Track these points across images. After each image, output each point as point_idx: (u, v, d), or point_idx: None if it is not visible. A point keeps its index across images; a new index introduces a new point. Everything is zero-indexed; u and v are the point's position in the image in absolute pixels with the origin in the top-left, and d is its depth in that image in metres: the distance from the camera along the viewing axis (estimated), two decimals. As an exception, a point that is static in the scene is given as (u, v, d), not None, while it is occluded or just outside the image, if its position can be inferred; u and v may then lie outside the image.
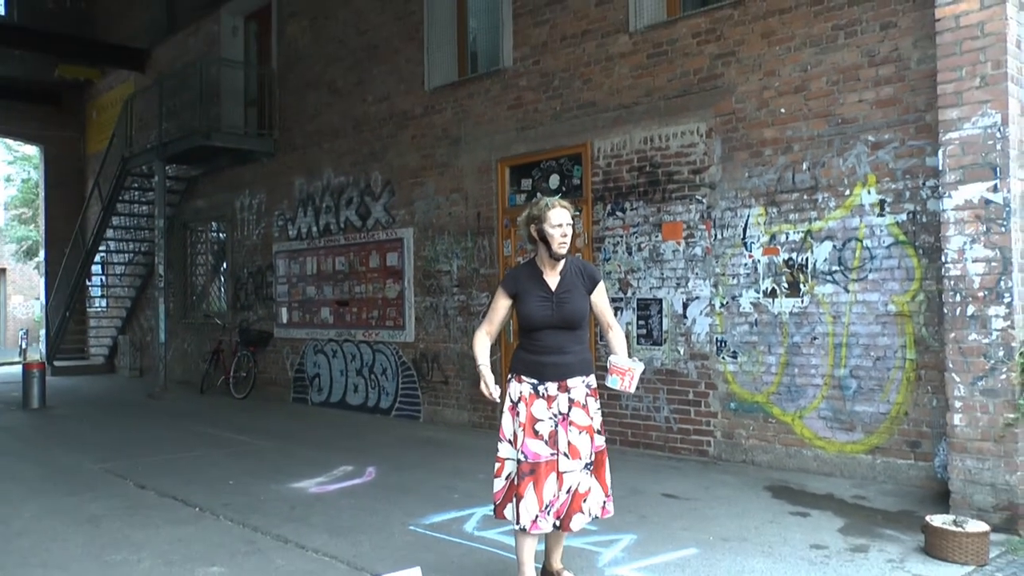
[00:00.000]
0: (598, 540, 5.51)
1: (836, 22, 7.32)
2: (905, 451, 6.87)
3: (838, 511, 6.22)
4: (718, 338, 8.10)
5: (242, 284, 15.00)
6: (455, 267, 10.76)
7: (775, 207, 7.70)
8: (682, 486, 7.10)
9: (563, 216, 4.41)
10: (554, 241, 4.40)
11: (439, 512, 6.36)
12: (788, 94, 7.62)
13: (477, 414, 10.42)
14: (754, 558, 5.20)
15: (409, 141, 11.46)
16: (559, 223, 4.39)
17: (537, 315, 4.40)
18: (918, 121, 6.79)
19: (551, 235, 4.40)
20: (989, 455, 5.57)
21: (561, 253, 4.42)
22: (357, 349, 12.29)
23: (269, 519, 6.26)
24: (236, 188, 15.08)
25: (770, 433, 7.70)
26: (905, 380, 6.86)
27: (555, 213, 4.41)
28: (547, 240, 4.42)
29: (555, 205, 4.45)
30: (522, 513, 4.27)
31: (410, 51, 11.50)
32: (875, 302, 7.05)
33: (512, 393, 4.47)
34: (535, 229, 4.47)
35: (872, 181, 7.07)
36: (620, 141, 8.95)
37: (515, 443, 4.39)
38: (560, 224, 4.39)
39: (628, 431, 8.75)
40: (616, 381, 4.39)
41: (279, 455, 8.95)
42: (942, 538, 5.09)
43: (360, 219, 12.34)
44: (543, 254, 4.49)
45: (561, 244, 4.40)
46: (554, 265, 4.49)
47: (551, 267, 4.50)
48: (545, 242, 4.44)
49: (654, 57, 8.70)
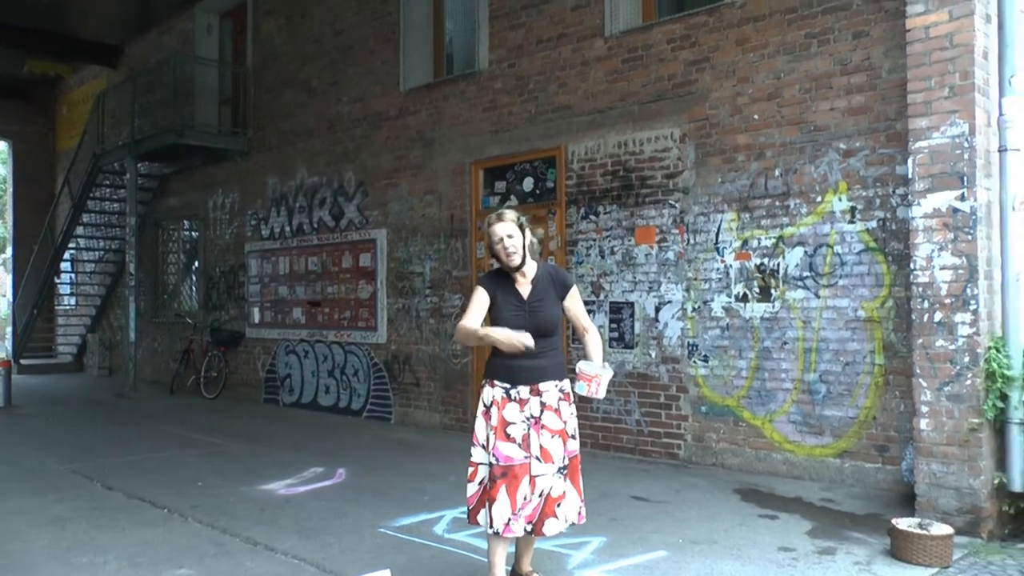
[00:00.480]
0: (568, 543, 5.51)
1: (809, 30, 7.39)
2: (873, 455, 6.95)
3: (806, 514, 6.27)
4: (690, 342, 8.15)
5: (214, 283, 14.90)
6: (428, 269, 10.76)
7: (747, 213, 7.77)
8: (652, 489, 7.13)
9: (502, 229, 4.40)
10: (501, 256, 4.42)
11: (409, 514, 6.35)
12: (761, 101, 7.69)
13: (448, 416, 10.42)
14: (723, 560, 5.24)
15: (383, 142, 11.45)
16: (499, 238, 4.40)
17: (511, 324, 4.39)
18: (888, 130, 6.88)
19: (496, 252, 4.43)
20: (954, 459, 5.65)
21: (512, 265, 4.42)
22: (329, 350, 12.24)
23: (238, 521, 6.22)
24: (209, 187, 14.98)
25: (740, 437, 7.76)
26: (873, 385, 6.94)
27: (493, 229, 4.43)
28: (497, 257, 4.45)
29: (493, 221, 4.47)
30: (495, 517, 4.28)
31: (386, 52, 11.49)
32: (845, 308, 7.13)
33: (485, 398, 4.48)
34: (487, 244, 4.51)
35: (843, 188, 7.15)
36: (594, 145, 8.99)
37: (488, 447, 4.40)
38: (500, 239, 4.39)
39: (599, 434, 8.77)
40: (583, 387, 4.39)
41: (249, 456, 8.90)
42: (907, 541, 5.16)
43: (333, 219, 12.30)
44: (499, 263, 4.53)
45: (508, 256, 4.40)
46: (522, 274, 4.49)
47: (520, 276, 4.50)
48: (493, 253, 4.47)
49: (629, 62, 8.74)
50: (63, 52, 18.74)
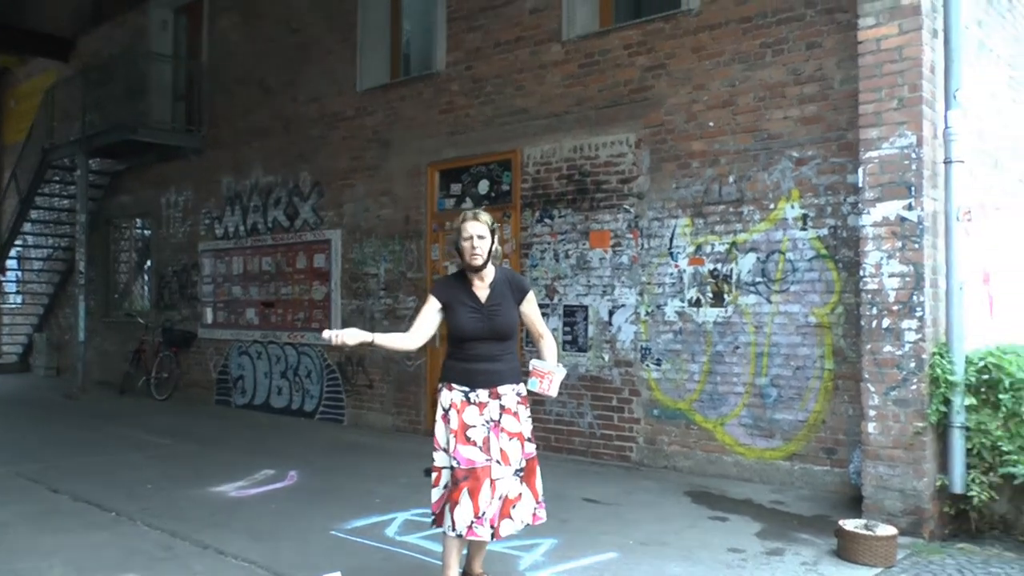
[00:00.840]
0: (519, 544, 5.51)
1: (764, 40, 7.50)
2: (822, 458, 7.06)
3: (756, 516, 6.36)
4: (643, 345, 8.22)
5: (166, 283, 14.69)
6: (383, 270, 10.72)
7: (701, 218, 7.85)
8: (604, 491, 7.17)
9: (473, 228, 4.44)
10: (465, 254, 4.45)
11: (361, 517, 6.33)
12: (716, 108, 7.78)
13: (401, 418, 10.39)
14: (673, 562, 5.29)
15: (339, 142, 11.38)
16: (469, 235, 4.43)
17: (468, 327, 4.42)
18: (840, 139, 7.00)
19: (463, 247, 4.45)
20: (899, 462, 5.77)
21: (473, 264, 4.45)
22: (282, 351, 12.14)
23: (188, 524, 6.14)
24: (162, 184, 14.76)
25: (692, 439, 7.84)
26: (823, 389, 7.06)
27: (466, 225, 4.47)
28: (461, 253, 4.47)
29: (469, 217, 4.50)
30: (457, 520, 4.27)
31: (342, 52, 11.42)
32: (796, 313, 7.24)
33: (443, 401, 4.48)
34: (454, 244, 4.55)
35: (796, 196, 7.27)
36: (550, 149, 9.03)
37: (448, 451, 4.40)
38: (470, 236, 4.43)
39: (552, 436, 8.81)
40: (535, 384, 4.41)
41: (200, 458, 8.79)
42: (853, 541, 5.27)
43: (288, 219, 12.20)
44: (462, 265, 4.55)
45: (472, 255, 4.43)
46: (481, 276, 4.52)
47: (479, 278, 4.52)
48: (461, 255, 4.49)
49: (586, 67, 8.80)
50: (11, 44, 18.36)
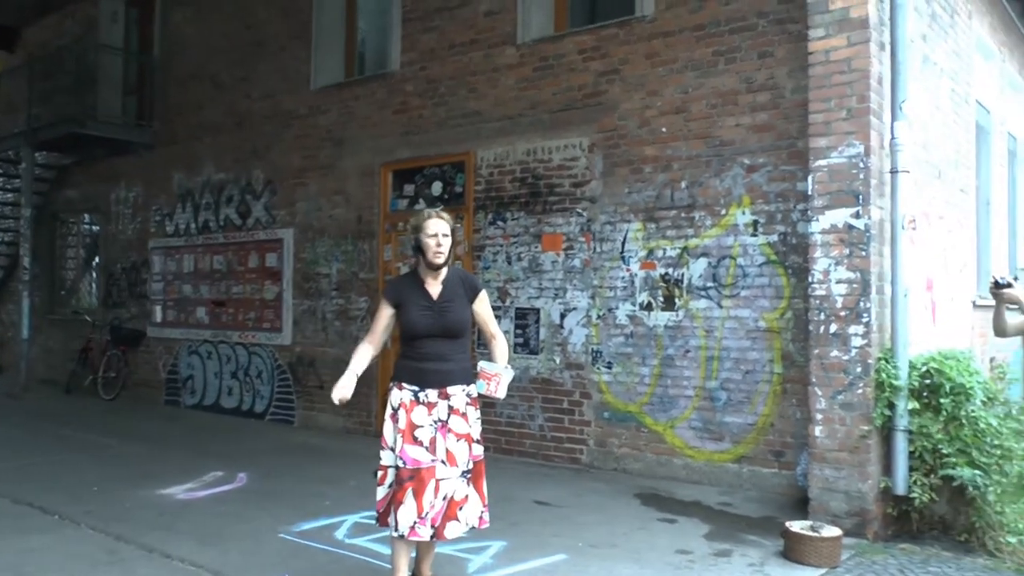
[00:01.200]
0: (468, 547, 5.51)
1: (717, 48, 7.60)
2: (770, 460, 7.18)
3: (704, 517, 6.44)
4: (594, 349, 8.28)
5: (115, 280, 14.38)
6: (335, 270, 10.64)
7: (653, 223, 7.94)
8: (554, 493, 7.21)
9: (439, 226, 4.47)
10: (429, 250, 4.45)
11: (310, 519, 6.28)
12: (669, 114, 7.87)
13: (352, 420, 10.32)
14: (622, 564, 5.34)
15: (293, 140, 11.27)
16: (434, 233, 4.45)
17: (419, 324, 4.43)
18: (790, 147, 7.13)
19: (427, 244, 4.46)
20: (845, 465, 5.90)
21: (436, 262, 4.47)
22: (233, 351, 11.98)
23: (134, 527, 6.04)
24: (112, 179, 14.45)
25: (642, 442, 7.92)
26: (772, 393, 7.18)
27: (431, 223, 4.48)
28: (423, 250, 4.47)
29: (433, 215, 4.52)
30: (400, 520, 4.28)
31: (297, 49, 11.31)
32: (746, 318, 7.35)
33: (393, 400, 4.48)
34: (414, 240, 4.53)
35: (747, 202, 7.38)
36: (503, 152, 9.05)
37: (395, 450, 4.40)
38: (436, 234, 4.45)
39: (502, 439, 8.83)
40: (483, 385, 4.42)
41: (147, 460, 8.63)
42: (799, 542, 5.37)
43: (240, 217, 12.05)
44: (421, 263, 4.55)
45: (436, 254, 4.45)
46: (435, 275, 4.54)
47: (432, 276, 4.54)
48: (422, 252, 4.49)
49: (540, 71, 8.83)
50: (-49, 32, 17.87)
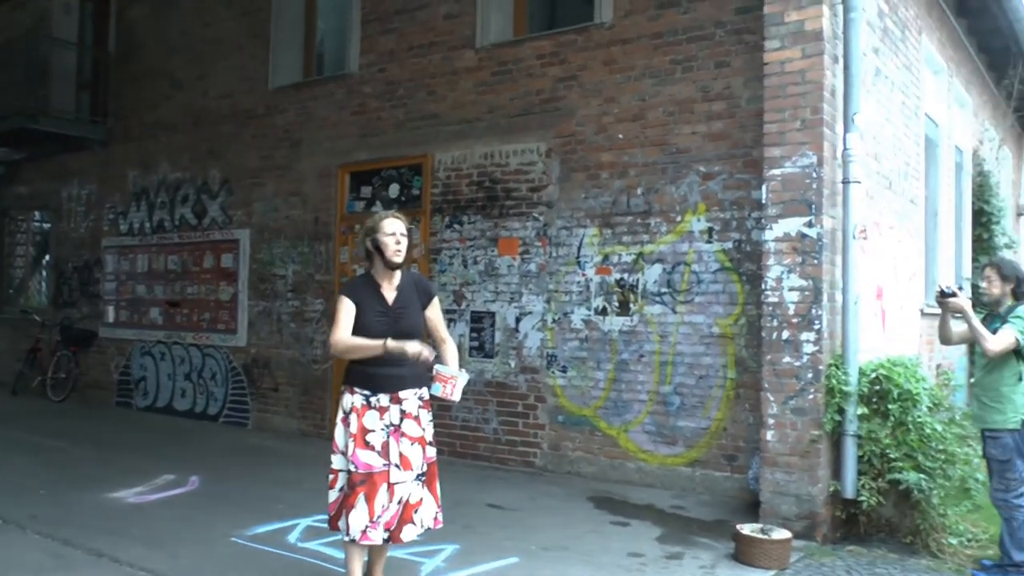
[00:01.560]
0: (421, 550, 5.51)
1: (674, 56, 7.70)
2: (722, 464, 7.28)
3: (657, 521, 6.50)
4: (549, 353, 8.32)
5: (66, 279, 14.07)
6: (291, 272, 10.56)
7: (609, 229, 8.00)
8: (507, 496, 7.23)
9: (396, 225, 4.48)
10: (388, 249, 4.45)
11: (263, 523, 6.21)
12: (626, 121, 7.94)
13: (306, 422, 10.25)
14: (574, 566, 5.38)
15: (250, 140, 11.15)
16: (392, 232, 4.46)
17: (375, 329, 4.40)
18: (746, 156, 7.23)
19: (385, 243, 4.45)
20: (796, 468, 6.01)
21: (396, 261, 4.47)
22: (186, 352, 11.81)
23: (82, 531, 5.92)
24: (64, 176, 14.14)
25: (596, 446, 7.98)
26: (725, 398, 7.28)
27: (388, 222, 4.48)
28: (382, 249, 4.46)
29: (389, 215, 4.54)
30: (352, 524, 4.27)
31: (255, 48, 11.20)
32: (700, 324, 7.44)
33: (344, 404, 4.48)
34: (371, 240, 4.51)
35: (702, 209, 7.48)
36: (461, 155, 9.06)
37: (347, 454, 4.38)
38: (393, 232, 4.45)
39: (457, 442, 8.83)
40: (439, 388, 4.41)
41: (97, 463, 8.47)
42: (750, 545, 5.47)
43: (196, 217, 11.88)
44: (379, 265, 4.53)
45: (396, 252, 4.45)
46: (391, 278, 4.53)
47: (388, 280, 4.53)
48: (380, 252, 4.48)
49: (498, 75, 8.86)
50: None
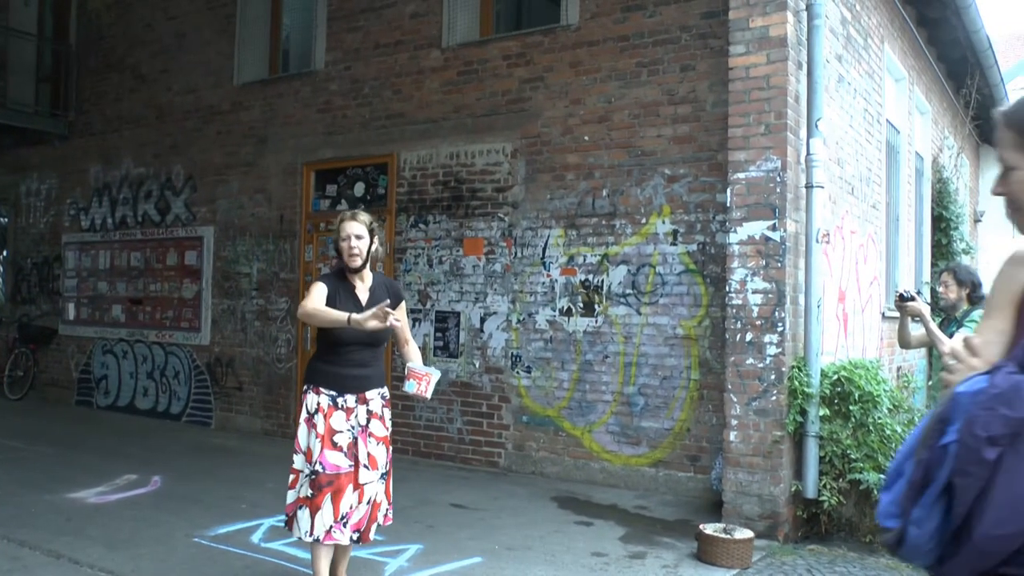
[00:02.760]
0: (384, 550, 5.51)
1: (640, 59, 7.74)
2: (686, 464, 7.34)
3: (620, 520, 6.54)
4: (513, 353, 8.34)
5: (25, 275, 13.80)
6: (255, 270, 10.46)
7: (575, 230, 8.04)
8: (471, 496, 7.23)
9: (351, 228, 4.43)
10: (343, 253, 4.43)
11: (225, 523, 6.17)
12: (592, 123, 7.98)
13: (270, 422, 10.17)
14: (537, 566, 5.40)
15: (214, 136, 11.03)
16: (346, 235, 4.42)
17: (347, 332, 4.33)
18: (710, 159, 7.30)
19: (341, 247, 4.44)
20: (758, 469, 6.08)
21: (353, 265, 4.44)
22: (149, 350, 11.65)
23: (40, 532, 5.83)
24: (22, 170, 13.86)
25: (560, 446, 8.00)
26: (689, 399, 7.34)
27: (344, 225, 4.45)
28: (340, 253, 4.46)
29: (347, 217, 4.48)
30: (317, 524, 4.25)
31: (220, 43, 11.08)
32: (665, 325, 7.50)
33: (309, 405, 4.42)
34: (334, 243, 4.51)
35: (667, 212, 7.53)
36: (427, 154, 9.05)
37: (310, 456, 4.33)
38: (347, 236, 4.42)
39: (421, 442, 8.82)
40: (413, 385, 4.39)
41: (56, 462, 8.31)
42: (712, 544, 5.52)
43: (159, 214, 11.72)
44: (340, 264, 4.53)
45: (350, 256, 4.42)
46: (362, 278, 4.52)
47: (359, 280, 4.52)
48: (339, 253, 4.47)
49: (465, 75, 8.86)
50: None
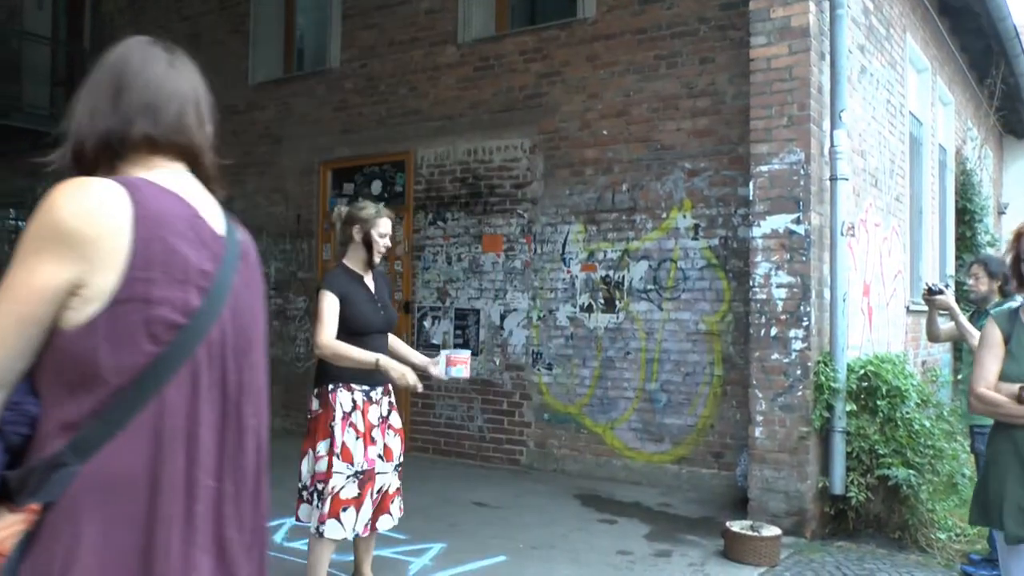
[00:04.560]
0: (407, 549, 5.48)
1: (658, 52, 7.67)
2: (709, 461, 7.27)
3: (644, 518, 6.48)
4: (534, 350, 8.29)
5: (44, 280, 13.87)
6: (273, 269, 10.44)
7: (594, 225, 7.97)
8: (493, 495, 7.18)
9: (388, 227, 4.47)
10: (376, 247, 4.41)
11: (248, 522, 6.15)
12: (610, 117, 7.91)
13: (289, 420, 10.15)
14: (561, 565, 5.34)
15: (230, 136, 10.98)
16: (385, 232, 4.44)
17: (371, 319, 4.34)
18: (731, 153, 7.22)
19: (375, 241, 4.40)
20: (784, 465, 6.00)
21: (376, 261, 4.46)
22: (168, 351, 11.64)
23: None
24: (38, 174, 13.91)
25: (581, 443, 7.95)
26: (712, 395, 7.27)
27: (384, 222, 4.44)
28: (371, 245, 4.41)
29: (384, 214, 4.48)
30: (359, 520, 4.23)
31: (234, 43, 11.07)
32: (687, 320, 7.43)
33: (344, 403, 4.27)
34: (360, 232, 4.42)
35: (688, 206, 7.46)
36: (444, 151, 9.00)
37: (348, 455, 4.20)
38: (386, 234, 4.44)
39: (441, 440, 8.78)
40: (462, 370, 4.40)
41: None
42: (739, 542, 5.45)
43: (176, 215, 11.71)
44: (357, 257, 4.45)
45: (380, 253, 4.44)
46: (367, 271, 4.50)
47: (366, 272, 4.50)
48: (368, 247, 4.42)
49: (481, 71, 8.81)
50: None
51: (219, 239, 1.60)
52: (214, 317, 1.53)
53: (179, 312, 1.47)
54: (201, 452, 1.50)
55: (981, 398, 3.32)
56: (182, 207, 1.56)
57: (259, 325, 1.69)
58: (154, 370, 1.45)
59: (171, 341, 1.46)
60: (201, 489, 1.49)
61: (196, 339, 1.50)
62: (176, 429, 1.47)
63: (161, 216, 1.50)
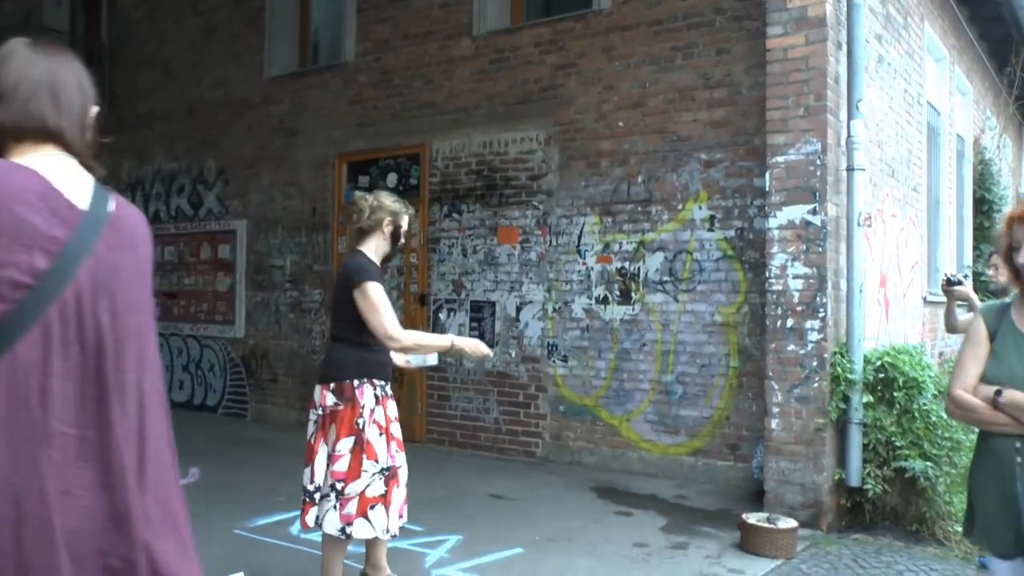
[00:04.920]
0: (424, 541, 5.50)
1: (674, 43, 7.64)
2: (725, 453, 7.26)
3: (660, 510, 6.47)
4: (550, 342, 8.29)
5: (59, 272, 13.99)
6: (288, 262, 10.49)
7: (610, 217, 7.96)
8: (509, 487, 7.19)
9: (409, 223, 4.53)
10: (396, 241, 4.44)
11: (264, 515, 6.17)
12: (626, 108, 7.89)
13: (305, 414, 10.12)
14: (578, 557, 5.35)
15: (245, 130, 11.06)
16: (407, 230, 4.53)
17: None
18: (747, 143, 7.19)
19: (400, 236, 4.45)
20: (800, 457, 5.98)
21: (392, 254, 4.51)
22: (184, 344, 11.73)
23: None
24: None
25: (597, 435, 7.95)
26: (728, 387, 7.25)
27: (409, 219, 4.49)
28: (397, 240, 4.43)
29: (408, 211, 4.52)
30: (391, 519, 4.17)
31: (250, 37, 11.09)
32: (702, 312, 7.41)
33: (367, 400, 4.17)
34: (391, 224, 4.38)
35: (703, 197, 7.43)
36: (459, 144, 9.00)
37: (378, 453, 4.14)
38: (408, 230, 4.53)
39: (457, 432, 8.80)
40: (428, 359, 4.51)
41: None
42: (756, 534, 5.44)
43: (192, 208, 11.79)
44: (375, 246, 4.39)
45: (397, 249, 4.52)
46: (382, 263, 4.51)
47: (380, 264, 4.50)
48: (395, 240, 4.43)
49: (496, 63, 8.80)
50: None
51: (75, 209, 1.70)
52: (67, 278, 1.64)
53: (26, 274, 1.59)
54: (54, 403, 1.61)
55: (956, 401, 2.98)
56: (35, 181, 1.67)
57: (132, 288, 1.78)
58: (5, 327, 1.57)
59: (20, 300, 1.58)
60: (56, 437, 1.61)
61: (47, 299, 1.61)
62: (29, 382, 1.58)
63: (11, 190, 1.62)
